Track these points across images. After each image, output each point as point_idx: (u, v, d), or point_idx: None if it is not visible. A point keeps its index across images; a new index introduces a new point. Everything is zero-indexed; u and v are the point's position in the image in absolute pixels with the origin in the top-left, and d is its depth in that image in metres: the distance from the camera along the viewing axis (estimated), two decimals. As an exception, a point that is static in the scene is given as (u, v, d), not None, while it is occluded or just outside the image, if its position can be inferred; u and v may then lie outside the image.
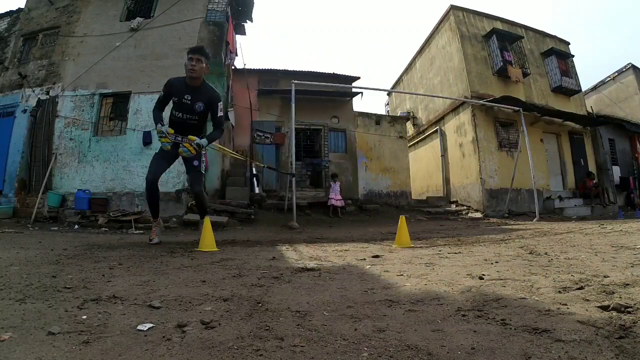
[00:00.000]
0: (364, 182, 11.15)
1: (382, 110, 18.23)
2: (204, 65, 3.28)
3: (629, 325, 1.03)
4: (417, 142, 14.46)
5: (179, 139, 3.33)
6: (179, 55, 7.96)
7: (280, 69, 11.79)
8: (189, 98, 3.27)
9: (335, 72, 12.00)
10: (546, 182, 11.20)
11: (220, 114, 3.42)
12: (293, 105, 7.34)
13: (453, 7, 11.92)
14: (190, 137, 3.32)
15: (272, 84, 11.62)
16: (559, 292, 1.45)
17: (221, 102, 3.46)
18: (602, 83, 15.67)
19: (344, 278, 1.91)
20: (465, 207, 10.80)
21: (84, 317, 1.21)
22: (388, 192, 11.34)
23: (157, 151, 3.51)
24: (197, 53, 3.25)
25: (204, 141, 3.35)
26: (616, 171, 13.06)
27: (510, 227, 6.30)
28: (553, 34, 13.39)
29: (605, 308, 1.20)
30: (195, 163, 3.45)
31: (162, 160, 3.45)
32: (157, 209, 3.61)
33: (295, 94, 7.41)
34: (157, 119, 3.33)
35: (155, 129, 3.32)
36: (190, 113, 3.32)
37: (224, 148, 5.71)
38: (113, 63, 7.90)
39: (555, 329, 1.03)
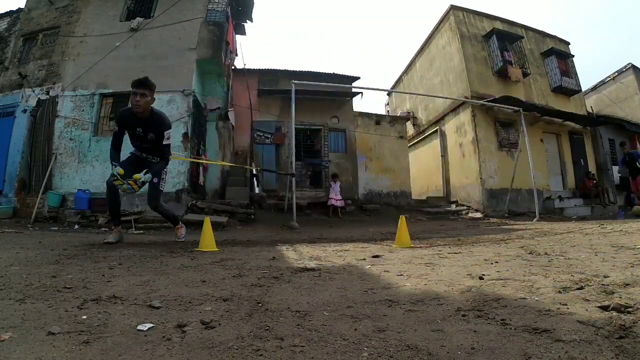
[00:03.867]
0: (364, 182, 11.15)
1: (382, 110, 18.24)
2: (149, 98, 3.27)
3: (629, 325, 1.03)
4: (417, 142, 14.46)
5: (144, 155, 3.53)
6: (179, 55, 7.97)
7: (280, 69, 11.78)
8: (141, 131, 3.37)
9: (335, 72, 11.98)
10: (546, 182, 11.20)
11: (166, 142, 3.48)
12: (293, 105, 7.34)
13: (453, 7, 11.93)
14: (135, 175, 3.37)
15: (272, 84, 11.61)
16: (559, 292, 1.45)
17: (169, 131, 3.48)
18: (602, 83, 15.67)
19: (344, 278, 1.91)
20: (465, 207, 10.80)
21: (84, 317, 1.21)
22: (388, 192, 11.34)
23: (123, 159, 3.59)
24: (141, 87, 3.21)
25: (147, 177, 3.44)
26: (616, 171, 13.06)
27: (510, 227, 6.30)
28: (553, 34, 13.41)
29: (605, 308, 1.20)
30: (155, 180, 3.55)
31: (129, 166, 3.50)
32: (119, 215, 3.74)
33: (295, 94, 7.41)
34: (113, 159, 3.45)
35: (112, 171, 3.39)
36: (145, 142, 3.44)
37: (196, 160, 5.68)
38: (113, 63, 7.90)
39: (555, 329, 1.03)
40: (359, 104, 42.37)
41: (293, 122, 7.46)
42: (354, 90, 11.11)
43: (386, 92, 17.47)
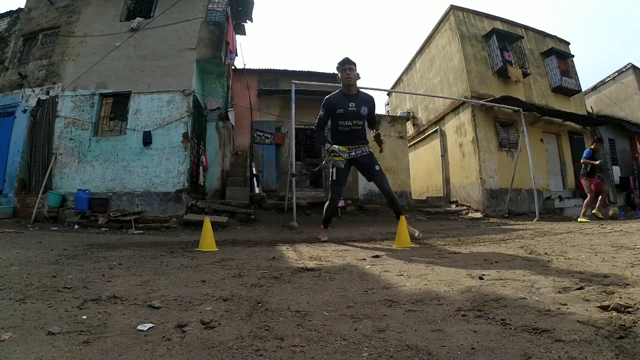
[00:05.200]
0: (364, 182, 11.13)
1: (382, 110, 18.24)
2: (356, 72, 3.61)
3: (629, 325, 1.03)
4: (417, 142, 14.46)
5: (353, 153, 3.64)
6: (179, 55, 7.97)
7: (280, 69, 11.81)
8: (353, 105, 3.54)
9: (336, 72, 11.99)
10: (546, 182, 11.20)
11: (375, 112, 3.80)
12: (293, 105, 7.34)
13: (453, 7, 11.92)
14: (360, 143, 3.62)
15: (272, 84, 11.63)
16: (559, 292, 1.45)
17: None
18: (602, 83, 15.67)
19: (344, 278, 1.91)
20: (465, 207, 10.79)
21: (84, 317, 1.21)
22: (388, 192, 11.32)
23: (333, 177, 3.67)
24: (348, 63, 3.59)
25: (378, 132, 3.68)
26: (616, 171, 13.07)
27: (510, 227, 6.30)
28: (553, 34, 13.41)
29: (605, 308, 1.19)
30: (377, 167, 3.76)
31: (342, 186, 3.73)
32: (330, 221, 4.05)
33: (295, 94, 7.41)
34: (324, 139, 3.62)
35: (325, 149, 3.54)
36: (358, 118, 3.58)
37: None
38: (113, 63, 7.90)
39: (555, 329, 1.03)
40: (359, 104, 42.20)
41: (293, 122, 7.45)
42: (354, 90, 11.09)
43: (386, 92, 17.48)
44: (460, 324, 1.13)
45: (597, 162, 7.32)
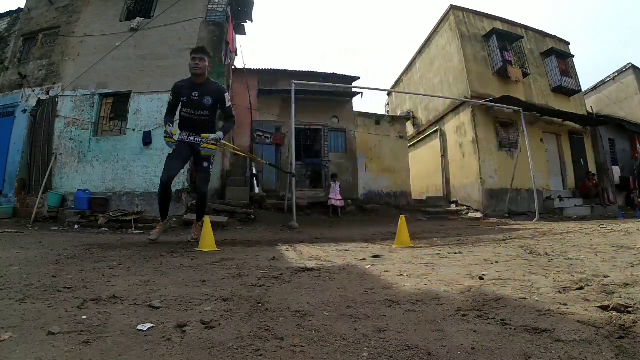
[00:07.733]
0: (364, 182, 11.15)
1: (382, 110, 18.23)
2: (207, 63, 3.50)
3: (629, 325, 1.03)
4: (417, 142, 14.46)
5: (191, 138, 3.51)
6: (179, 55, 7.96)
7: (280, 69, 11.76)
8: (197, 94, 3.44)
9: (335, 72, 11.97)
10: (546, 182, 11.20)
11: (228, 104, 3.60)
12: (293, 105, 7.34)
13: (453, 7, 11.93)
14: (204, 135, 3.47)
15: (272, 84, 11.61)
16: (559, 292, 1.45)
17: (227, 93, 3.65)
18: (602, 83, 15.67)
19: (344, 278, 1.91)
20: (465, 207, 10.80)
21: (84, 317, 1.21)
22: (388, 192, 11.34)
23: (170, 152, 3.66)
24: (200, 52, 3.49)
25: (219, 134, 3.51)
26: (616, 171, 13.07)
27: (510, 227, 6.30)
28: (553, 34, 13.40)
29: (605, 308, 1.19)
30: (205, 164, 3.60)
31: (176, 161, 3.59)
32: (167, 211, 3.72)
33: (295, 94, 7.41)
34: (167, 121, 3.56)
35: (165, 129, 3.47)
36: (201, 109, 3.47)
37: (227, 144, 5.43)
38: (113, 63, 7.89)
39: (555, 329, 1.03)
40: (359, 104, 42.36)
41: (293, 122, 7.45)
42: (354, 90, 11.11)
43: (386, 92, 17.47)
44: (460, 324, 1.13)
45: None
